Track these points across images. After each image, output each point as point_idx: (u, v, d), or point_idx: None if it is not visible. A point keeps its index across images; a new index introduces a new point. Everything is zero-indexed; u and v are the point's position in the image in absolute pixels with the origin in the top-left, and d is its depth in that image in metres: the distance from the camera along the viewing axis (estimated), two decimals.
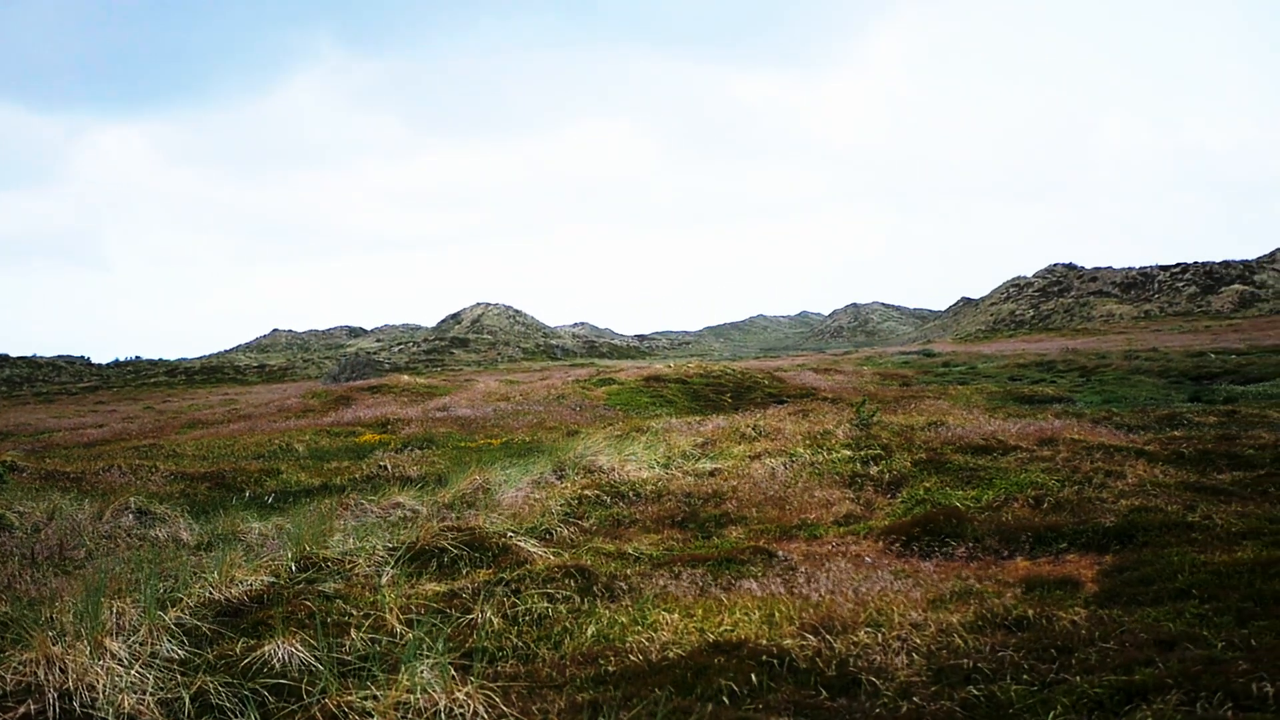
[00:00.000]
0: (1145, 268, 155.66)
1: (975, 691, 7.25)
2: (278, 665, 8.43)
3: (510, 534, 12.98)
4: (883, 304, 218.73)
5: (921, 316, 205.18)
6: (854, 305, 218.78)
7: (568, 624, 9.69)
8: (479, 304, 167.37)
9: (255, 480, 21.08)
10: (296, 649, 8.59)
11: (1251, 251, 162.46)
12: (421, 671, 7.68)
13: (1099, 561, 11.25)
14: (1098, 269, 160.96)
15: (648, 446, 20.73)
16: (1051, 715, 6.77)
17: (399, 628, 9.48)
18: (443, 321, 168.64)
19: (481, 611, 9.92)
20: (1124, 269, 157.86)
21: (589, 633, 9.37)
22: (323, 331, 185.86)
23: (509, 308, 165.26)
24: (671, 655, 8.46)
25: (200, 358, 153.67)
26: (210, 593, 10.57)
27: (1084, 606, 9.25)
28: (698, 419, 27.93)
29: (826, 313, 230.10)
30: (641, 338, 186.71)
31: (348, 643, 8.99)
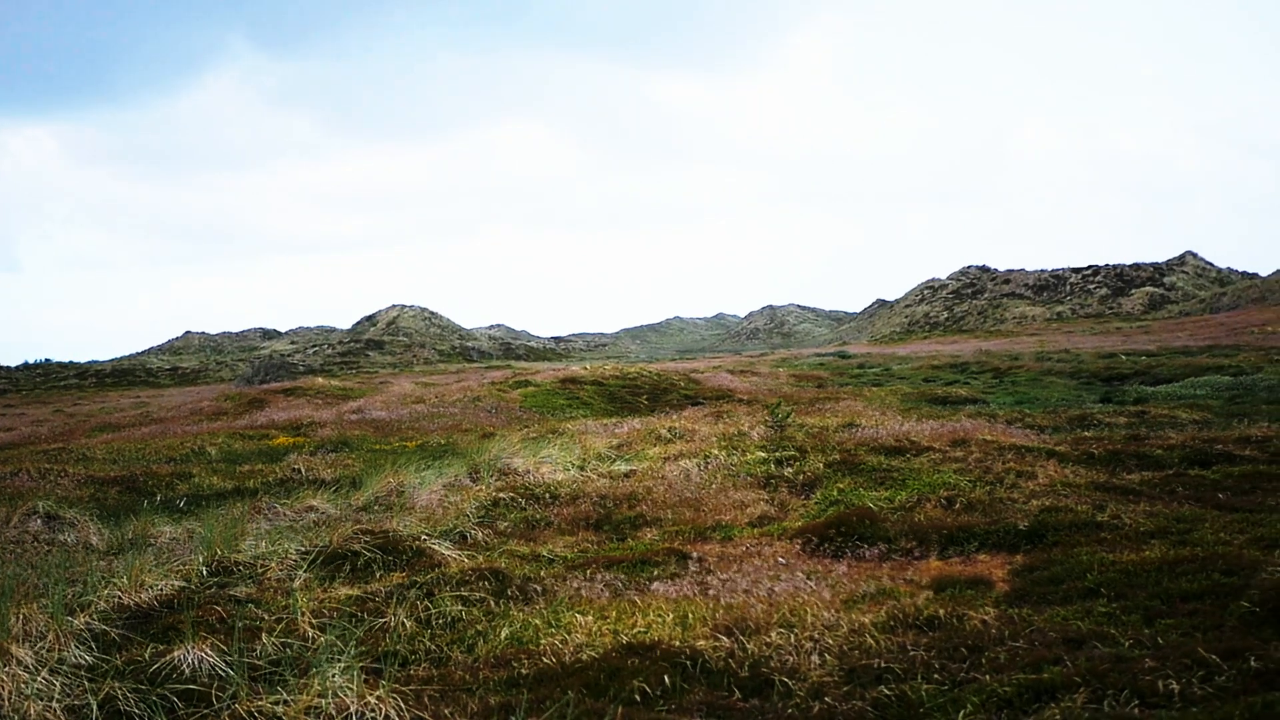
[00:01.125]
0: (1057, 270, 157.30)
1: (887, 691, 7.29)
2: (187, 670, 8.33)
3: (424, 537, 12.92)
4: (799, 306, 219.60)
5: (837, 318, 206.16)
6: (770, 307, 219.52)
7: (481, 627, 9.67)
8: (394, 306, 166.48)
9: (167, 484, 20.84)
10: (207, 654, 8.50)
11: (1161, 254, 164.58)
12: (333, 675, 7.64)
13: (1010, 561, 11.36)
14: (1011, 271, 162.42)
15: (563, 449, 20.72)
16: (961, 714, 6.82)
17: (311, 632, 9.41)
18: (358, 323, 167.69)
19: (394, 615, 9.86)
20: (1036, 271, 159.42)
21: (503, 635, 9.34)
22: (236, 334, 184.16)
23: (425, 310, 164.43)
24: (585, 657, 8.47)
25: (111, 360, 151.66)
26: (120, 598, 10.44)
27: (994, 606, 9.33)
28: (613, 421, 27.97)
29: (743, 315, 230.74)
30: (558, 340, 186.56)
31: (259, 647, 8.90)
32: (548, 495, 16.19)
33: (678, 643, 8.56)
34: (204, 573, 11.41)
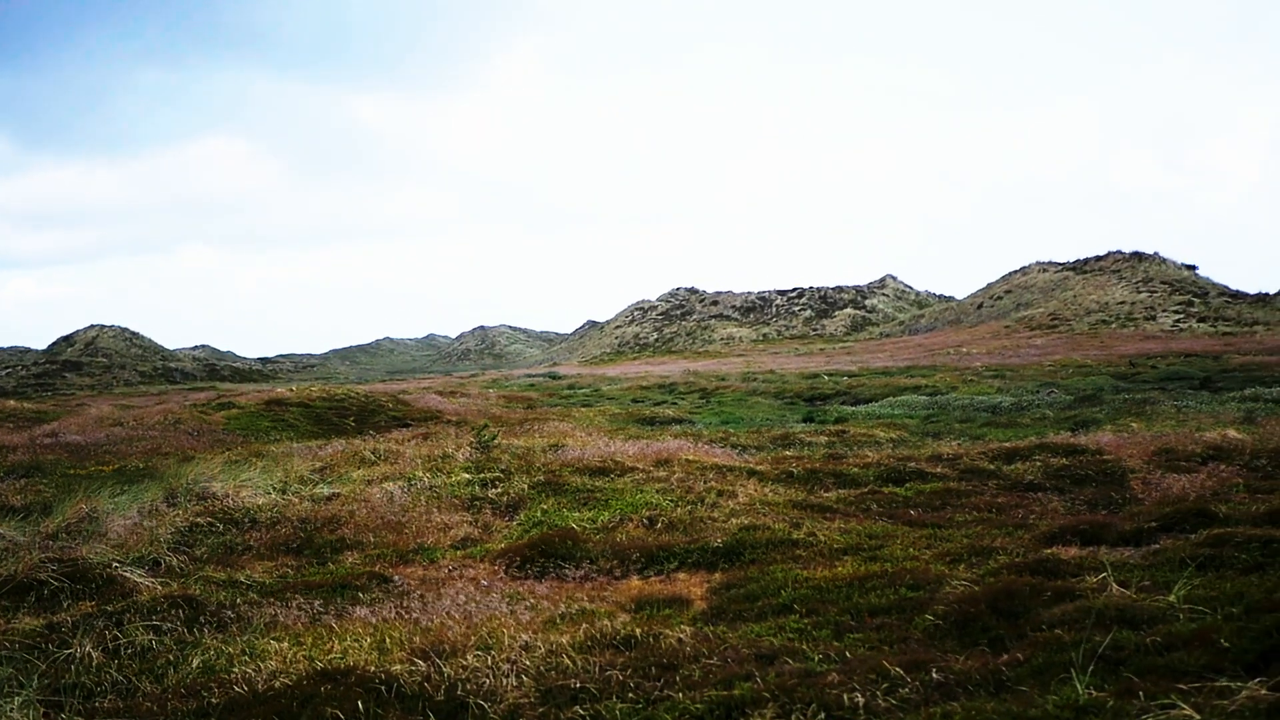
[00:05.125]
0: (764, 292, 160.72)
1: (581, 711, 7.31)
2: None
3: (116, 564, 12.52)
4: (510, 327, 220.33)
5: (549, 339, 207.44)
6: (481, 328, 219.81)
7: (172, 656, 9.43)
8: (94, 326, 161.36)
9: None
10: None
11: (863, 277, 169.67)
12: (10, 711, 7.35)
13: (709, 579, 11.52)
14: (719, 293, 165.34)
15: (264, 471, 20.31)
16: None
17: None
18: (54, 344, 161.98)
19: (81, 645, 9.53)
20: (744, 293, 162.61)
21: (194, 664, 9.12)
22: None
23: (125, 330, 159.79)
24: (278, 685, 8.30)
25: None
26: None
27: (691, 624, 9.45)
28: (319, 443, 27.59)
29: (454, 335, 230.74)
30: (265, 361, 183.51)
31: None
32: (247, 519, 15.84)
33: (374, 667, 8.46)
34: None
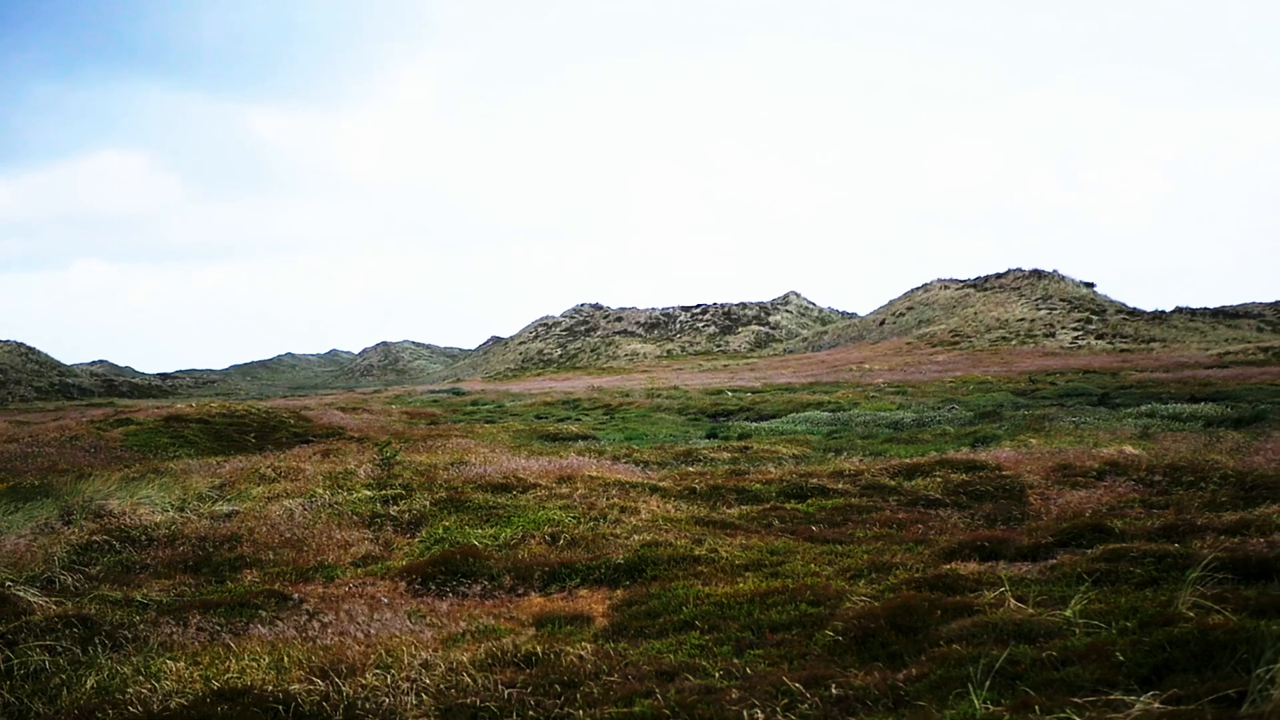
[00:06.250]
0: (668, 308, 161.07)
1: None
2: None
3: (9, 583, 12.33)
4: (413, 342, 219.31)
5: (452, 355, 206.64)
6: (384, 344, 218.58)
7: (66, 676, 9.29)
8: None
9: None
10: None
11: (767, 293, 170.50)
12: None
13: (611, 596, 11.53)
14: (623, 309, 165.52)
15: (162, 489, 20.08)
16: None
17: None
18: None
19: None
20: (648, 309, 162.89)
21: (88, 685, 8.98)
22: None
23: (21, 345, 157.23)
24: (174, 705, 8.19)
25: None
26: None
27: (593, 641, 9.45)
28: (218, 460, 27.31)
29: (357, 351, 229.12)
30: (165, 376, 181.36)
31: None
32: (145, 537, 15.65)
33: (271, 687, 8.38)
34: None
